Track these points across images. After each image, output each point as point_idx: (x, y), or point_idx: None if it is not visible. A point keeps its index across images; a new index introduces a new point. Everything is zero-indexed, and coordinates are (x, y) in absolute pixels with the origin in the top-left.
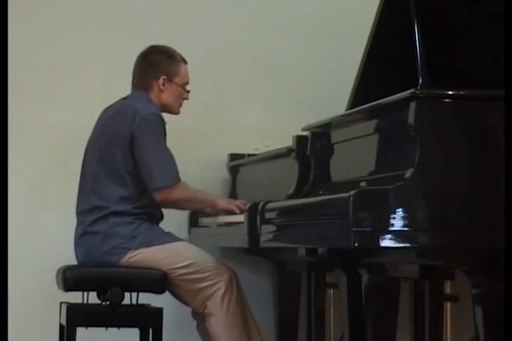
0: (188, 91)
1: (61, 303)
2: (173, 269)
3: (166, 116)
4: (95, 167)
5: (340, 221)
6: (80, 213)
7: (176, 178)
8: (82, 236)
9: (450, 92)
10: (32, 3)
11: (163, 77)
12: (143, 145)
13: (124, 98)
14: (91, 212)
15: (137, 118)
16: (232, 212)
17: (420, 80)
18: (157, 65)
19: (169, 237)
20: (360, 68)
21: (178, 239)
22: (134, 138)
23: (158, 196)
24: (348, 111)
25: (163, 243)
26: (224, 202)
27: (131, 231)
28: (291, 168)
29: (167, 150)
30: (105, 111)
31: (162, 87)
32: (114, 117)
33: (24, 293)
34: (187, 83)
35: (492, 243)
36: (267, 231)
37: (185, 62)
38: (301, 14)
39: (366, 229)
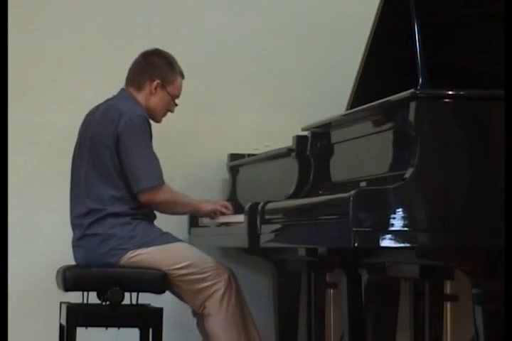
0: (176, 105)
1: (61, 303)
2: (173, 270)
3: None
4: (86, 170)
5: (340, 221)
6: (76, 217)
7: (160, 180)
8: (80, 238)
9: (450, 92)
10: (32, 3)
11: (158, 81)
12: (127, 146)
13: (110, 99)
14: (88, 215)
15: (122, 120)
16: (220, 212)
17: (420, 80)
18: (156, 67)
19: (168, 237)
20: (360, 68)
21: (176, 240)
22: (119, 139)
23: (143, 197)
24: (348, 111)
25: (161, 243)
26: (208, 206)
27: (129, 231)
28: (291, 168)
29: (152, 151)
30: (92, 112)
31: (153, 91)
32: (100, 118)
33: (24, 293)
34: (178, 96)
35: (492, 243)
36: (267, 231)
37: (182, 75)
38: (301, 14)
39: (366, 229)
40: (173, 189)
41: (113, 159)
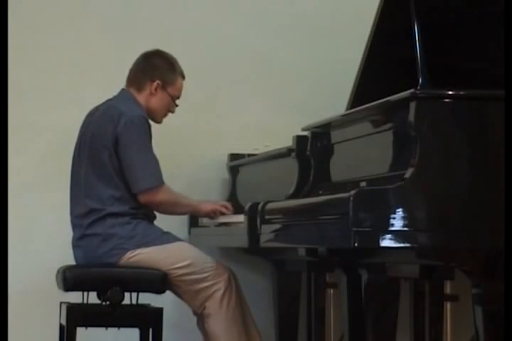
0: (177, 106)
1: (61, 303)
2: (172, 269)
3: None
4: (86, 170)
5: (340, 221)
6: (76, 217)
7: (159, 180)
8: (80, 238)
9: (450, 92)
10: (32, 4)
11: (158, 81)
12: (126, 146)
13: (110, 99)
14: (87, 215)
15: (122, 120)
16: (220, 212)
17: (420, 80)
18: (156, 68)
19: (168, 237)
20: (360, 68)
21: (177, 239)
22: (119, 139)
23: (142, 198)
24: (348, 111)
25: (162, 243)
26: (208, 206)
27: (129, 231)
28: (291, 168)
29: (151, 152)
30: (92, 113)
31: (154, 92)
32: (100, 119)
33: (24, 293)
34: (178, 97)
35: (492, 243)
36: (267, 231)
37: (183, 76)
38: (301, 14)
39: (366, 229)
40: (172, 189)
41: (112, 159)
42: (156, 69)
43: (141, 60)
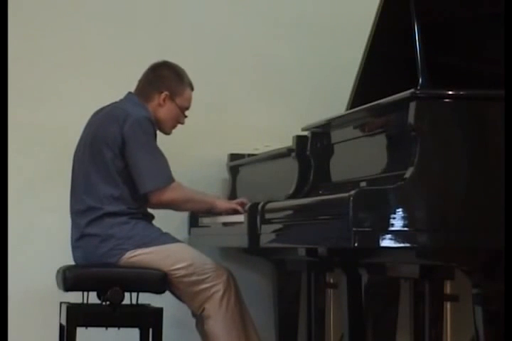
0: (186, 116)
1: (61, 303)
2: (172, 270)
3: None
4: (87, 167)
5: (340, 221)
6: (75, 214)
7: (166, 180)
8: (79, 239)
9: (450, 92)
10: (32, 3)
11: (166, 92)
12: (133, 148)
13: (116, 102)
14: (85, 213)
15: (128, 121)
16: (235, 212)
17: (420, 80)
18: (164, 78)
19: (167, 238)
20: (360, 68)
21: (176, 240)
22: (125, 140)
23: (150, 198)
24: (348, 111)
25: (162, 243)
26: (224, 204)
27: (128, 231)
28: (291, 168)
29: (158, 152)
30: (96, 113)
31: (162, 103)
32: (105, 118)
33: (24, 293)
34: (187, 108)
35: (492, 243)
36: (267, 231)
37: (191, 87)
38: (301, 14)
39: (366, 229)
40: (185, 186)
41: (115, 159)
42: (164, 81)
43: (148, 71)
